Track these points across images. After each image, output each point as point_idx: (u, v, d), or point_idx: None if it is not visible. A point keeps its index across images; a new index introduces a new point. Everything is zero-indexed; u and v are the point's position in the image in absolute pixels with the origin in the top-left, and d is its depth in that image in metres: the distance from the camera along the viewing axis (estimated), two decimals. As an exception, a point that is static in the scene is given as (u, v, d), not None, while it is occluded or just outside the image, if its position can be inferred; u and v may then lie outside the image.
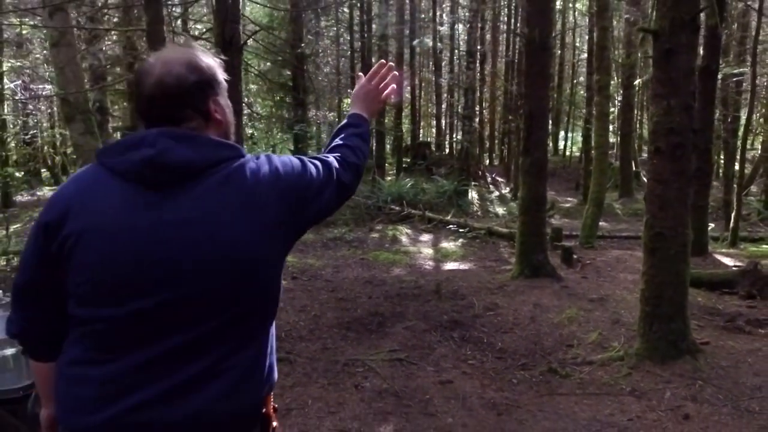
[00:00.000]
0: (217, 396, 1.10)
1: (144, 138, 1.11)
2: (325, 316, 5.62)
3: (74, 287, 1.11)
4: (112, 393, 1.08)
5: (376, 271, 9.01)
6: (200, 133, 1.17)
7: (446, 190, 16.20)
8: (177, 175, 1.10)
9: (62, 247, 1.10)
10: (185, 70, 1.16)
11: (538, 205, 6.51)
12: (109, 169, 1.13)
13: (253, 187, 1.14)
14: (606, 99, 10.48)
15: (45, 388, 1.28)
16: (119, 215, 1.09)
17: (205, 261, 1.09)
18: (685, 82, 3.97)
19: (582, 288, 6.27)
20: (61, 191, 1.16)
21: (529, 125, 6.37)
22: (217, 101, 1.21)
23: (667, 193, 4.04)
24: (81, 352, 1.13)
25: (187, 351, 1.09)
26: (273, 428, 1.31)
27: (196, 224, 1.09)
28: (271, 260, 1.18)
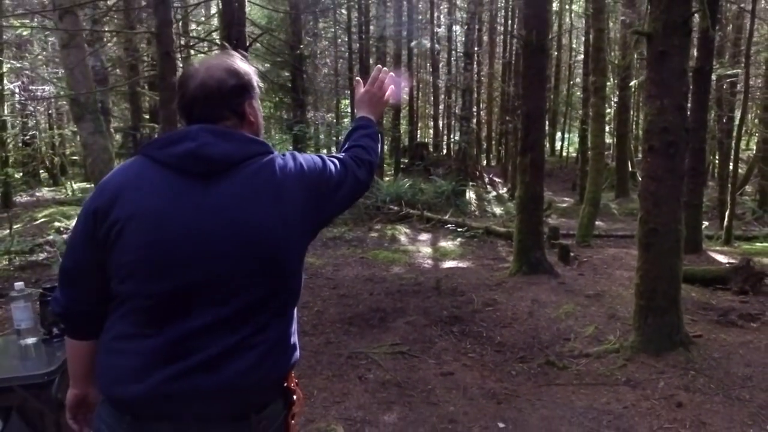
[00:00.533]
0: (248, 367, 1.21)
1: (187, 133, 1.24)
2: (328, 312, 5.74)
3: (120, 268, 1.22)
4: (155, 363, 1.19)
5: (376, 269, 9.13)
6: (236, 131, 1.29)
7: (444, 190, 16.34)
8: (215, 166, 1.22)
9: (110, 231, 1.20)
10: (226, 74, 1.29)
11: (535, 203, 6.64)
12: (155, 160, 1.24)
13: (282, 181, 1.26)
14: (602, 100, 10.64)
15: (78, 367, 1.39)
16: (165, 200, 1.20)
17: (239, 242, 1.20)
18: (678, 83, 4.11)
19: (579, 284, 6.41)
20: (109, 179, 1.27)
21: (526, 126, 6.51)
22: (251, 104, 1.34)
23: (660, 190, 4.18)
24: (126, 327, 1.24)
25: (222, 325, 1.20)
26: (298, 400, 1.40)
27: (232, 209, 1.20)
28: (293, 246, 1.28)
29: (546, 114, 6.29)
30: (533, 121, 6.45)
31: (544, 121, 6.51)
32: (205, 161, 1.21)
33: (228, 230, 1.20)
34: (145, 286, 1.20)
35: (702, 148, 7.64)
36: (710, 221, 13.67)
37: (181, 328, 1.19)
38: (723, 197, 12.75)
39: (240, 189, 1.22)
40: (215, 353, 1.19)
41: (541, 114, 6.49)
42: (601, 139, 10.59)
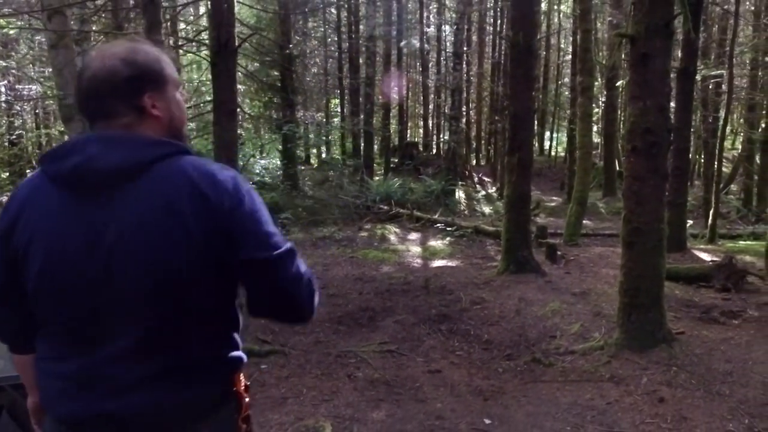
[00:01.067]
0: (165, 390, 1.14)
1: (74, 145, 1.13)
2: (317, 312, 5.77)
3: (29, 291, 1.16)
4: (71, 388, 1.14)
5: (366, 268, 9.17)
6: (133, 132, 1.15)
7: (434, 189, 16.42)
8: (106, 180, 1.09)
9: (16, 255, 1.14)
10: (120, 63, 1.14)
11: (522, 202, 6.72)
12: (47, 176, 1.14)
13: (185, 191, 1.10)
14: (589, 100, 10.76)
15: (26, 378, 1.36)
16: (58, 222, 1.11)
17: (133, 266, 1.09)
18: (660, 85, 4.19)
19: (565, 283, 6.50)
20: (12, 198, 1.19)
21: (514, 125, 6.58)
22: (155, 96, 1.18)
23: (643, 190, 4.26)
24: (46, 349, 1.20)
25: (133, 350, 1.12)
26: (245, 404, 1.34)
27: (127, 227, 1.08)
28: (194, 265, 1.10)
29: (534, 114, 6.37)
30: (521, 121, 6.52)
31: (532, 121, 6.59)
32: (92, 177, 1.09)
33: (121, 254, 1.08)
34: (50, 312, 1.16)
35: (686, 148, 7.76)
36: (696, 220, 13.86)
37: (92, 355, 1.13)
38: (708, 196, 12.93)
39: (136, 203, 1.08)
40: (127, 380, 1.12)
41: (529, 114, 6.57)
42: (588, 138, 10.70)
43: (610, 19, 15.85)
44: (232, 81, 4.72)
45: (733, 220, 13.61)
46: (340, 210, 14.22)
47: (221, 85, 4.70)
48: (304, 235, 11.97)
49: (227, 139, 4.73)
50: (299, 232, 12.36)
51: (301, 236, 11.92)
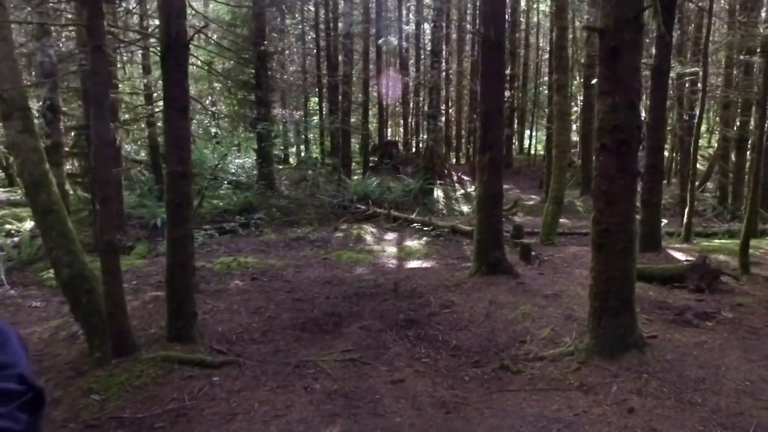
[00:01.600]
0: None
1: None
2: (280, 318, 5.51)
3: None
4: None
5: (339, 270, 8.93)
6: None
7: (412, 188, 16.22)
8: None
9: None
10: None
11: (494, 202, 6.53)
12: None
13: None
14: (565, 98, 10.63)
15: None
16: None
17: None
18: (630, 80, 4.01)
19: (537, 284, 6.32)
20: None
21: (485, 123, 6.38)
22: None
23: (612, 189, 4.08)
24: None
25: None
26: None
27: None
28: None
29: (505, 112, 6.17)
30: (492, 119, 6.33)
31: (503, 119, 6.39)
32: None
33: None
34: None
35: (660, 146, 7.65)
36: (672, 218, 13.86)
37: None
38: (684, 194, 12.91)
39: None
40: None
41: (500, 112, 6.38)
42: (564, 137, 10.57)
43: (587, 17, 15.79)
44: (183, 76, 4.44)
45: (708, 218, 13.63)
46: (316, 210, 13.94)
47: (171, 81, 4.41)
48: (278, 236, 11.68)
49: (179, 137, 4.45)
50: (273, 232, 12.06)
51: (275, 237, 11.63)
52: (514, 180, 20.40)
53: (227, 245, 10.98)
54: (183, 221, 4.50)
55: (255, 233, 12.12)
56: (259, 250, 10.69)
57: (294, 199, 14.72)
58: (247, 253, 10.25)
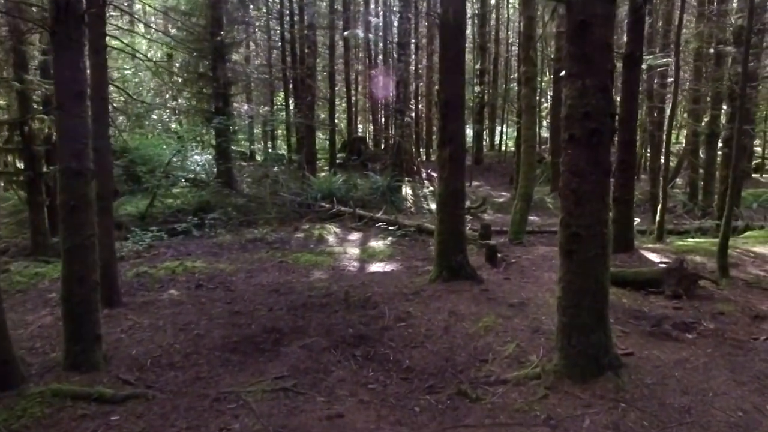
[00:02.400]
0: None
1: None
2: (210, 336, 4.79)
3: None
4: None
5: (294, 275, 8.23)
6: None
7: (379, 186, 15.56)
8: None
9: None
10: None
11: (455, 201, 5.91)
12: None
13: None
14: (533, 91, 10.10)
15: None
16: None
17: None
18: (602, 59, 3.42)
19: (503, 291, 5.73)
20: None
21: (444, 114, 5.75)
22: None
23: (582, 187, 3.49)
24: None
25: None
26: None
27: None
28: None
29: (464, 100, 5.55)
30: (452, 109, 5.70)
31: (464, 109, 5.78)
32: None
33: None
34: None
35: (632, 140, 7.14)
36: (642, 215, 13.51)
37: None
38: (655, 191, 12.56)
39: None
40: None
41: (460, 101, 5.76)
42: (532, 132, 10.05)
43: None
44: (78, 54, 3.68)
45: (679, 214, 13.32)
46: (277, 209, 13.18)
47: (63, 60, 3.65)
48: (234, 237, 10.89)
49: (74, 127, 3.69)
50: (229, 233, 11.26)
51: (230, 238, 10.84)
52: (484, 176, 19.95)
53: (177, 248, 10.15)
54: (80, 227, 3.74)
55: (210, 234, 11.30)
56: (211, 252, 9.91)
57: (254, 197, 13.91)
58: (197, 257, 9.47)
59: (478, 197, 16.40)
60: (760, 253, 6.88)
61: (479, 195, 16.89)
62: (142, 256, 9.65)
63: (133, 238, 10.40)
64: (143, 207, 12.52)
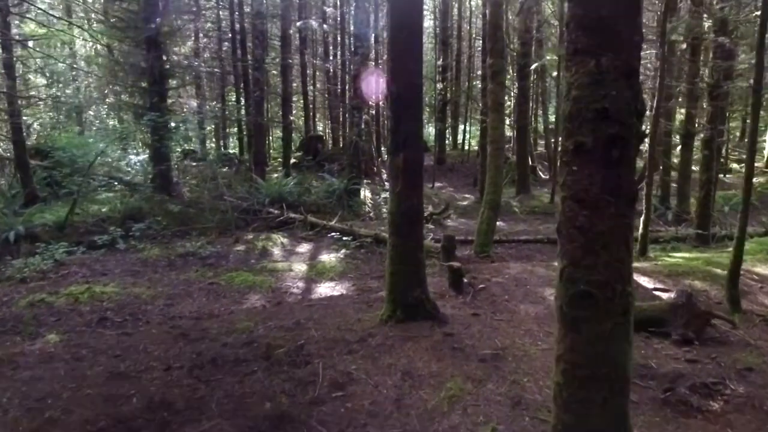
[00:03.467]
0: None
1: None
2: (66, 421, 3.36)
3: None
4: None
5: (224, 301, 6.84)
6: None
7: (335, 189, 14.20)
8: None
9: None
10: None
11: (412, 222, 4.62)
12: None
13: None
14: (500, 86, 8.93)
15: None
16: None
17: None
18: (628, 27, 2.18)
19: (471, 334, 4.48)
20: None
21: (396, 110, 4.45)
22: None
23: (596, 224, 2.25)
24: None
25: None
26: None
27: None
28: None
29: (422, 94, 4.24)
30: (405, 106, 4.41)
31: (421, 106, 4.50)
32: None
33: None
34: None
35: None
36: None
37: None
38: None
39: None
40: None
41: (416, 95, 4.48)
42: (500, 131, 8.89)
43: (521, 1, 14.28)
44: None
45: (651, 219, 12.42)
46: (220, 216, 11.65)
47: None
48: (163, 251, 9.34)
49: None
50: (158, 246, 9.69)
51: (158, 252, 9.28)
52: (447, 177, 18.83)
53: (92, 266, 8.56)
54: None
55: (137, 247, 9.71)
56: (131, 271, 8.36)
57: (194, 203, 12.33)
58: (114, 278, 7.94)
59: (441, 200, 15.23)
60: (766, 275, 5.86)
61: (442, 198, 15.74)
62: (47, 278, 8.04)
63: (41, 254, 8.75)
64: (64, 215, 10.80)
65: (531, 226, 12.32)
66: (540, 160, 20.19)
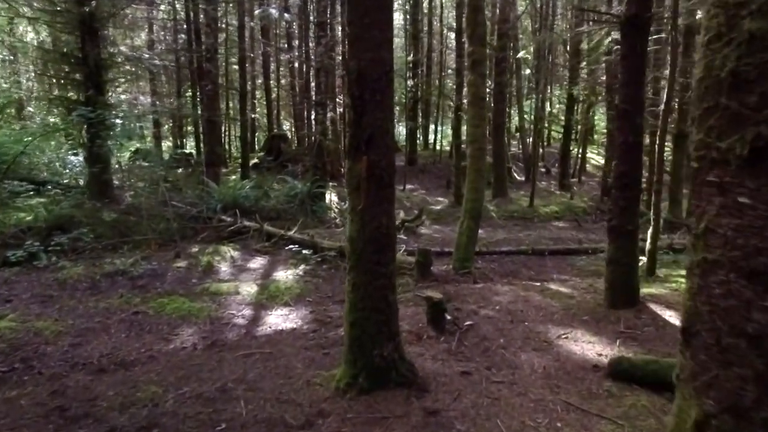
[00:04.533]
0: None
1: None
2: None
3: None
4: None
5: (146, 339, 5.39)
6: None
7: (298, 192, 12.76)
8: None
9: None
10: None
11: (380, 251, 3.27)
12: None
13: None
14: (481, 78, 7.68)
15: None
16: None
17: None
18: None
19: (463, 412, 3.17)
20: None
21: (358, 96, 3.10)
22: None
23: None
24: None
25: None
26: None
27: None
28: None
29: (392, 78, 2.88)
30: (371, 90, 3.07)
31: (392, 90, 3.14)
32: None
33: None
34: None
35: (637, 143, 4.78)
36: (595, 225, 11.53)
37: None
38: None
39: None
40: None
41: (384, 73, 3.12)
42: (481, 130, 7.65)
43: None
44: None
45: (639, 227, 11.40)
46: (165, 225, 10.09)
47: None
48: (87, 270, 7.75)
49: None
50: (82, 263, 8.09)
51: (81, 271, 7.69)
52: (419, 179, 17.57)
53: (-6, 290, 6.95)
54: None
55: (59, 264, 8.08)
56: (42, 297, 6.78)
57: (137, 209, 10.72)
58: (17, 306, 6.37)
59: (413, 204, 13.96)
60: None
61: (414, 201, 14.47)
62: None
63: (-65, 275, 7.10)
64: (-24, 225, 9.08)
65: (511, 233, 11.16)
66: (514, 161, 19.14)
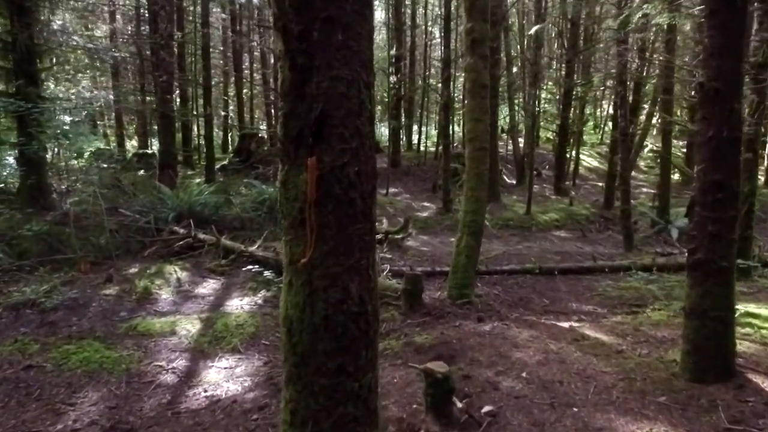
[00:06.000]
0: None
1: None
2: None
3: None
4: None
5: (28, 416, 3.73)
6: None
7: (266, 198, 11.08)
8: None
9: None
10: None
11: (342, 357, 1.67)
12: None
13: None
14: (483, 60, 6.12)
15: None
16: None
17: None
18: None
19: None
20: None
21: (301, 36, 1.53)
22: None
23: None
24: None
25: None
26: None
27: None
28: None
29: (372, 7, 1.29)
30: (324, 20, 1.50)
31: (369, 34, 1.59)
32: None
33: None
34: None
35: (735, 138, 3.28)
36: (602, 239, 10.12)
37: None
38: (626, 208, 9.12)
39: None
40: None
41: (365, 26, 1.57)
42: (483, 124, 6.10)
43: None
44: None
45: (648, 235, 10.02)
46: (108, 238, 8.34)
47: None
48: (-11, 301, 6.04)
49: None
50: (-12, 291, 6.35)
51: (-21, 304, 5.99)
52: (402, 182, 16.00)
53: None
54: None
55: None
56: None
57: (77, 219, 8.93)
58: None
59: (397, 210, 12.39)
60: None
61: (398, 207, 12.89)
62: None
63: None
64: None
65: (509, 245, 9.67)
66: (503, 163, 17.72)
